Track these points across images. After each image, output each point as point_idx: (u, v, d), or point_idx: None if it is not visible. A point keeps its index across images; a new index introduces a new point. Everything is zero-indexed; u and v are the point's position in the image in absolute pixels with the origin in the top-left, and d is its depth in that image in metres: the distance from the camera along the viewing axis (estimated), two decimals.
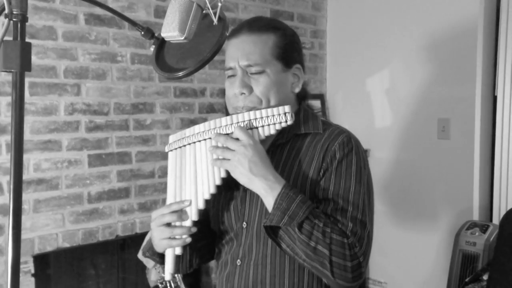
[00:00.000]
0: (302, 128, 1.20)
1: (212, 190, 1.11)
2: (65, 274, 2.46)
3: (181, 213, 1.11)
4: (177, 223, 1.11)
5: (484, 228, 2.53)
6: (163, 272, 1.16)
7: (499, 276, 2.11)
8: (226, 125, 1.12)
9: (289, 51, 1.20)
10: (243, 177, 1.08)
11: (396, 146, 3.10)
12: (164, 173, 2.68)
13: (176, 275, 2.50)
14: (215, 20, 1.10)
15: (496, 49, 2.73)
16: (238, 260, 1.19)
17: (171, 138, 1.21)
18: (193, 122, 2.77)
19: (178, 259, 1.16)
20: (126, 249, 2.66)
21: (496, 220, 2.69)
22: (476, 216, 2.75)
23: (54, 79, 2.30)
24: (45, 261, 2.34)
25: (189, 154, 1.15)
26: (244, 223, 1.19)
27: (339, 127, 1.21)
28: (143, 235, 2.54)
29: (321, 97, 3.37)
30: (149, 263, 2.55)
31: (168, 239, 1.11)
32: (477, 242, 2.49)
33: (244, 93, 1.16)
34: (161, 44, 1.18)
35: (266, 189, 1.07)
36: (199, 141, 1.14)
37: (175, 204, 1.12)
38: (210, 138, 1.12)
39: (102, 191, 2.46)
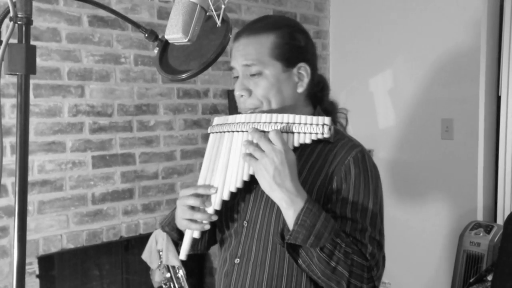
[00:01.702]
0: None
1: (239, 184, 1.10)
2: (70, 275, 2.46)
3: (205, 199, 1.12)
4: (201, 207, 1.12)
5: (488, 229, 2.53)
6: (178, 250, 1.17)
7: (504, 277, 2.10)
8: (265, 123, 1.10)
9: (290, 50, 1.17)
10: (265, 183, 1.06)
11: (399, 147, 3.09)
12: (167, 174, 2.68)
13: (180, 275, 2.51)
14: (219, 22, 1.10)
15: (500, 49, 2.72)
16: (237, 258, 1.19)
17: (215, 121, 1.20)
18: (196, 123, 2.78)
19: (195, 241, 1.16)
20: (130, 250, 2.66)
21: (500, 220, 2.68)
22: (480, 217, 2.75)
23: (58, 81, 2.31)
24: (50, 262, 2.35)
25: (226, 141, 1.14)
26: (245, 222, 1.18)
27: (352, 140, 1.19)
28: (147, 236, 2.55)
29: None
30: (153, 263, 2.56)
31: (188, 221, 1.12)
32: (481, 243, 2.49)
33: (243, 95, 1.17)
34: (165, 46, 1.18)
35: (287, 201, 1.05)
36: (238, 131, 1.13)
37: (201, 188, 1.12)
38: (247, 131, 1.11)
39: (106, 192, 2.47)
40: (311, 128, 1.08)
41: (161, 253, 2.51)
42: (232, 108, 2.92)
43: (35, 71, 0.88)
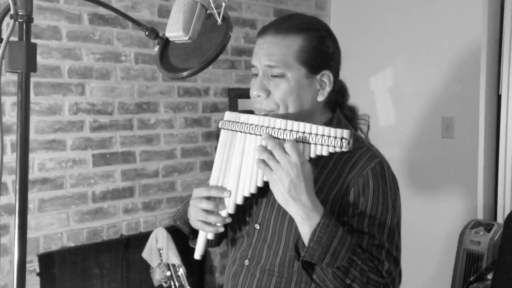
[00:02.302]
0: None
1: (253, 190, 1.08)
2: (70, 273, 2.47)
3: (218, 202, 1.10)
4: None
5: (488, 227, 2.53)
6: (194, 246, 1.17)
7: (504, 275, 2.10)
8: (279, 129, 1.05)
9: (317, 56, 1.12)
10: (280, 196, 1.03)
11: (400, 145, 3.09)
12: (168, 172, 2.69)
13: (180, 273, 2.51)
14: (219, 20, 1.10)
15: (500, 47, 2.72)
16: (246, 260, 1.18)
17: (226, 115, 1.14)
18: (196, 122, 2.78)
19: (208, 241, 1.16)
20: (130, 248, 2.66)
21: (500, 219, 2.68)
22: (480, 215, 2.75)
23: (58, 79, 2.31)
24: (50, 260, 2.35)
25: (239, 142, 1.11)
26: (257, 224, 1.17)
27: (372, 149, 1.15)
28: (147, 234, 2.55)
29: None
30: (153, 262, 2.56)
31: (202, 223, 1.11)
32: (481, 241, 2.49)
33: (260, 96, 1.12)
34: (165, 44, 1.18)
35: (302, 216, 1.02)
36: (251, 133, 1.09)
37: (214, 190, 1.10)
38: (261, 135, 1.07)
39: (106, 191, 2.47)
40: (328, 140, 1.03)
41: (161, 251, 2.52)
42: (233, 107, 2.92)
43: (36, 69, 0.88)
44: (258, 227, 1.17)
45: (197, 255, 1.15)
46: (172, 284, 2.52)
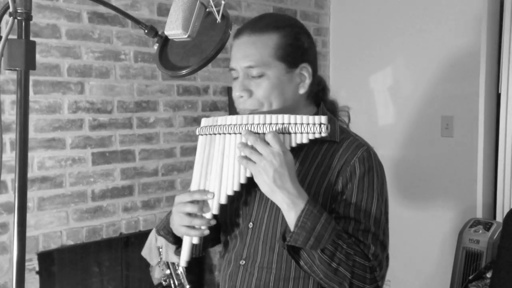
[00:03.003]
0: None
1: (236, 187, 1.09)
2: (70, 272, 2.47)
3: (202, 205, 1.10)
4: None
5: (487, 226, 2.53)
6: (178, 256, 1.16)
7: (503, 274, 2.10)
8: (258, 124, 1.08)
9: (294, 50, 1.14)
10: (265, 186, 1.05)
11: (399, 144, 3.09)
12: (167, 171, 2.69)
13: (179, 271, 2.51)
14: (219, 18, 1.10)
15: (500, 46, 2.72)
16: (242, 260, 1.18)
17: (203, 122, 1.17)
18: (196, 121, 2.78)
19: (193, 246, 1.15)
20: (129, 246, 2.67)
21: (499, 217, 2.68)
22: (479, 214, 2.75)
23: (57, 77, 2.31)
24: (50, 259, 2.35)
25: (218, 144, 1.12)
26: (251, 223, 1.17)
27: (358, 139, 1.18)
28: (146, 233, 2.55)
29: None
30: (152, 260, 2.56)
31: (186, 228, 1.10)
32: (480, 240, 2.49)
33: (243, 96, 1.14)
34: (165, 42, 1.18)
35: (288, 203, 1.04)
36: (230, 133, 1.11)
37: (197, 194, 1.11)
38: (240, 133, 1.09)
39: (105, 189, 2.47)
40: (308, 127, 1.06)
41: (160, 249, 2.52)
42: (232, 105, 2.92)
43: (35, 66, 0.88)
44: (252, 226, 1.17)
45: (182, 262, 1.13)
46: (172, 282, 2.52)
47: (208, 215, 1.10)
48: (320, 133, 1.06)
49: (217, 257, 2.90)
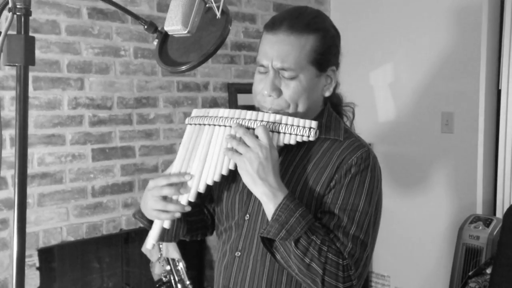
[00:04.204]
0: (323, 132, 1.16)
1: (217, 178, 1.09)
2: (70, 268, 2.47)
3: (179, 187, 1.10)
4: (174, 197, 1.10)
5: (487, 222, 2.53)
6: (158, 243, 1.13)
7: (503, 270, 2.11)
8: (250, 119, 1.09)
9: (327, 55, 1.14)
10: (248, 177, 1.05)
11: (399, 140, 3.09)
12: (167, 167, 2.66)
13: (179, 267, 2.52)
14: (218, 14, 1.09)
15: (500, 43, 2.71)
16: (238, 251, 1.18)
17: (194, 112, 1.17)
18: None
19: (163, 230, 1.14)
20: (130, 242, 2.67)
21: (499, 214, 2.69)
22: (479, 210, 2.75)
23: (57, 73, 2.30)
24: (50, 255, 2.36)
25: (206, 134, 1.12)
26: (247, 215, 1.18)
27: (360, 140, 1.17)
28: (146, 229, 2.55)
29: None
30: (153, 256, 2.57)
31: (157, 211, 1.10)
32: (480, 236, 2.50)
33: (272, 96, 1.13)
34: (164, 38, 1.18)
35: (268, 195, 1.05)
36: (219, 125, 1.11)
37: (174, 177, 1.10)
38: (230, 126, 1.09)
39: (106, 185, 2.47)
40: (297, 129, 1.07)
41: (161, 246, 2.52)
42: (232, 102, 2.92)
43: (34, 62, 0.88)
44: (248, 217, 1.18)
45: (149, 244, 1.12)
46: (172, 278, 2.53)
47: (183, 201, 1.09)
48: (309, 136, 1.07)
49: (216, 252, 2.90)
